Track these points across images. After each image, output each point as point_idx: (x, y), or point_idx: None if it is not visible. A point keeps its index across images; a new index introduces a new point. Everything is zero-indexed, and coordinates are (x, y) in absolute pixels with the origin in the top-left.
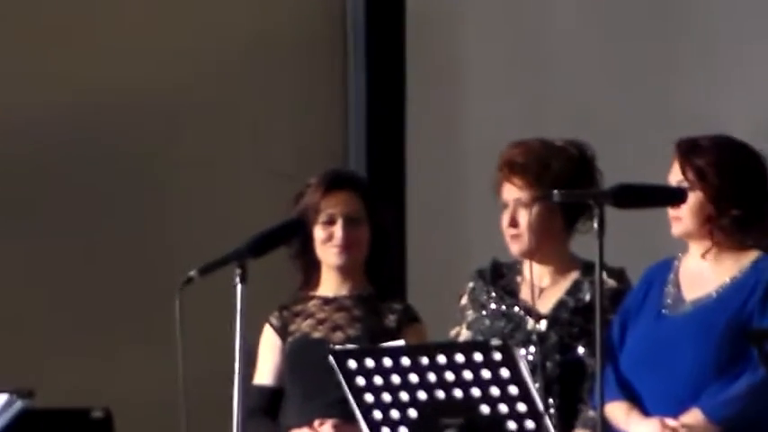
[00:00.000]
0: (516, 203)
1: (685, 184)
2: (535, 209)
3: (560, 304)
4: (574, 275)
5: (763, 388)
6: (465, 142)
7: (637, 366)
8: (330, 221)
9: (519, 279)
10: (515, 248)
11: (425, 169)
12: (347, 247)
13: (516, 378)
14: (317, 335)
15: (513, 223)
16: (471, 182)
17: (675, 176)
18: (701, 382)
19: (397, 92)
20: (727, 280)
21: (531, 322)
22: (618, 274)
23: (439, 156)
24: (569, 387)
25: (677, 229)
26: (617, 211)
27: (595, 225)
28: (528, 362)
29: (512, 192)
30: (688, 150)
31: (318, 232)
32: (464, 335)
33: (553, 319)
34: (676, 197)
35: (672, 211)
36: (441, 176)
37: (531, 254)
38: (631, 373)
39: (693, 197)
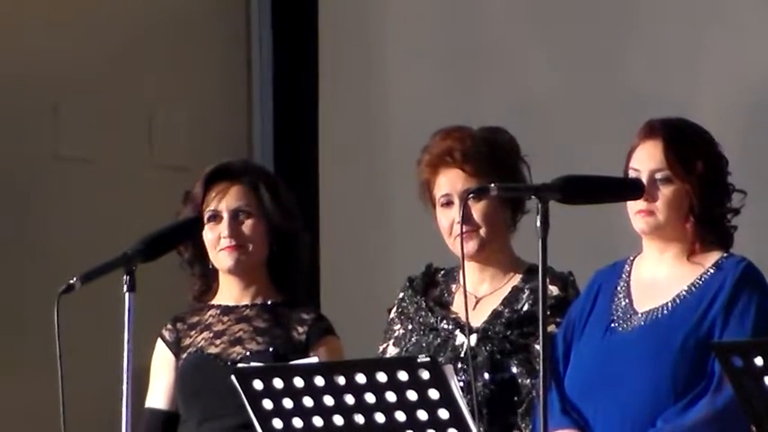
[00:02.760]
0: (463, 196)
1: (664, 175)
2: (485, 201)
3: (494, 316)
4: (514, 281)
5: (726, 412)
6: (386, 133)
7: (584, 388)
8: (216, 218)
9: (455, 287)
10: (470, 247)
11: (341, 162)
12: (237, 245)
13: (447, 400)
14: (213, 350)
15: (466, 219)
16: (393, 175)
17: (648, 165)
18: (657, 405)
19: (309, 79)
20: (685, 287)
21: (460, 337)
22: (562, 280)
23: (357, 147)
24: (500, 411)
25: (648, 224)
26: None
27: (538, 223)
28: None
29: (456, 183)
30: (673, 137)
31: (206, 233)
32: (390, 352)
33: (485, 332)
34: (633, 190)
35: (638, 204)
36: (358, 170)
37: (480, 253)
38: (578, 397)
39: (673, 189)
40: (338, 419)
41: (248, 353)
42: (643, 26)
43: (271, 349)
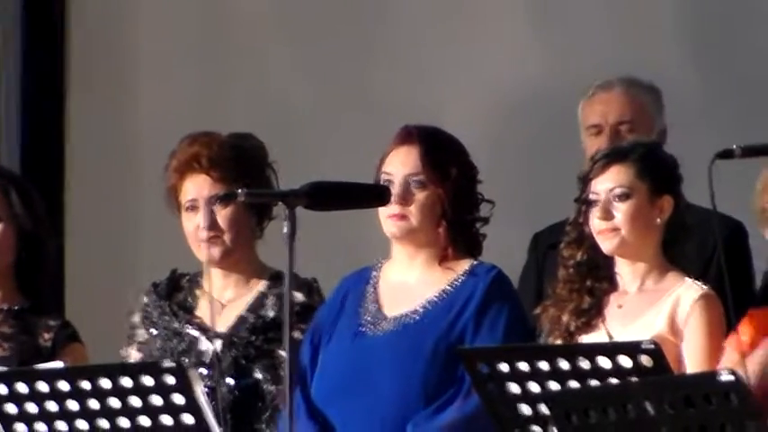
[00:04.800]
0: (210, 202)
1: (419, 179)
2: (232, 207)
3: (239, 321)
4: (259, 287)
5: (475, 417)
6: (135, 138)
7: (332, 393)
8: None
9: (199, 293)
10: (209, 253)
11: (88, 167)
12: None
13: (192, 405)
14: None
15: (209, 224)
16: (141, 181)
17: (403, 170)
18: (406, 410)
19: (56, 84)
20: (436, 293)
21: (205, 342)
22: (307, 287)
23: (104, 153)
24: (245, 416)
25: (400, 228)
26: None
27: (285, 229)
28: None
29: (202, 189)
30: (428, 143)
31: None
32: (134, 357)
33: (229, 338)
34: (379, 196)
35: (390, 208)
36: (105, 175)
37: (224, 259)
38: (325, 402)
39: (427, 194)
40: (82, 424)
41: None
42: (395, 33)
43: (16, 356)
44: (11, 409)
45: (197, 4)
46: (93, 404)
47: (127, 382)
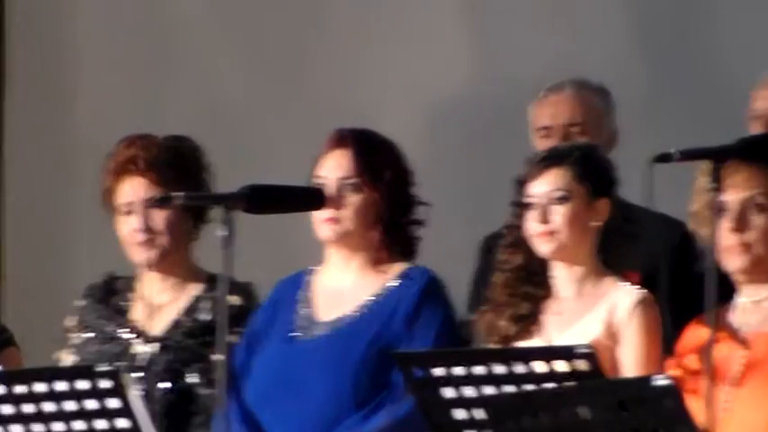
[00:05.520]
0: (146, 205)
1: (353, 183)
2: (168, 210)
3: (174, 325)
4: (195, 291)
5: (407, 422)
6: (73, 141)
7: (264, 397)
8: None
9: (134, 296)
10: (144, 256)
11: (25, 169)
12: None
13: (127, 409)
14: None
15: (145, 227)
16: (78, 183)
17: (337, 173)
18: (338, 414)
19: None
20: (371, 297)
21: (140, 346)
22: (243, 290)
23: (42, 155)
24: (179, 420)
25: (334, 232)
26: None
27: (222, 233)
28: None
29: (138, 191)
30: (362, 146)
31: None
32: (68, 360)
33: (164, 342)
34: (316, 200)
35: (324, 212)
36: (42, 178)
37: (160, 262)
38: (258, 405)
39: (362, 197)
40: (17, 429)
41: None
42: (330, 36)
43: None
44: None
45: (135, 5)
46: (28, 408)
47: (62, 386)
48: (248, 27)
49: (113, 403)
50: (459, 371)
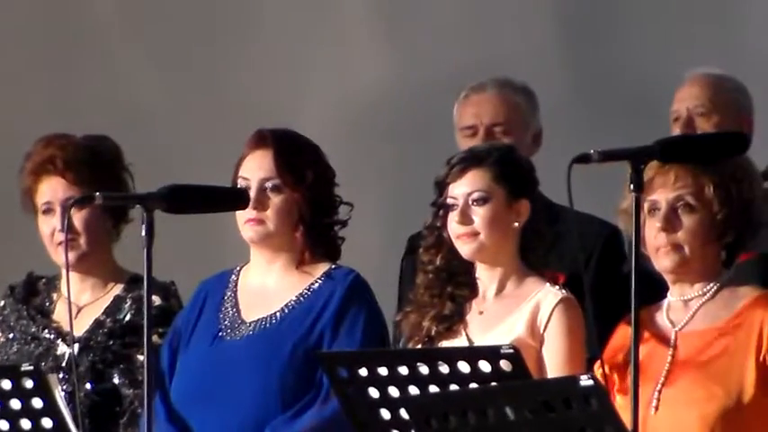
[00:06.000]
0: (65, 205)
1: (274, 184)
2: (88, 210)
3: (96, 325)
4: (116, 291)
5: (333, 421)
6: None
7: (190, 397)
8: None
9: (56, 296)
10: (71, 256)
11: None
12: None
13: (50, 409)
14: None
15: (67, 228)
16: None
17: (258, 174)
18: (265, 414)
19: None
20: (294, 297)
21: (62, 346)
22: (164, 290)
23: None
24: (103, 421)
25: (257, 233)
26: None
27: (142, 233)
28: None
29: (57, 191)
30: (283, 147)
31: None
32: None
33: (86, 342)
34: (238, 200)
35: (247, 213)
36: None
37: (81, 263)
38: (184, 405)
39: (284, 198)
40: None
41: None
42: (249, 35)
43: None
44: None
45: (46, 5)
46: None
47: None
48: (162, 25)
49: (37, 403)
50: (383, 371)
